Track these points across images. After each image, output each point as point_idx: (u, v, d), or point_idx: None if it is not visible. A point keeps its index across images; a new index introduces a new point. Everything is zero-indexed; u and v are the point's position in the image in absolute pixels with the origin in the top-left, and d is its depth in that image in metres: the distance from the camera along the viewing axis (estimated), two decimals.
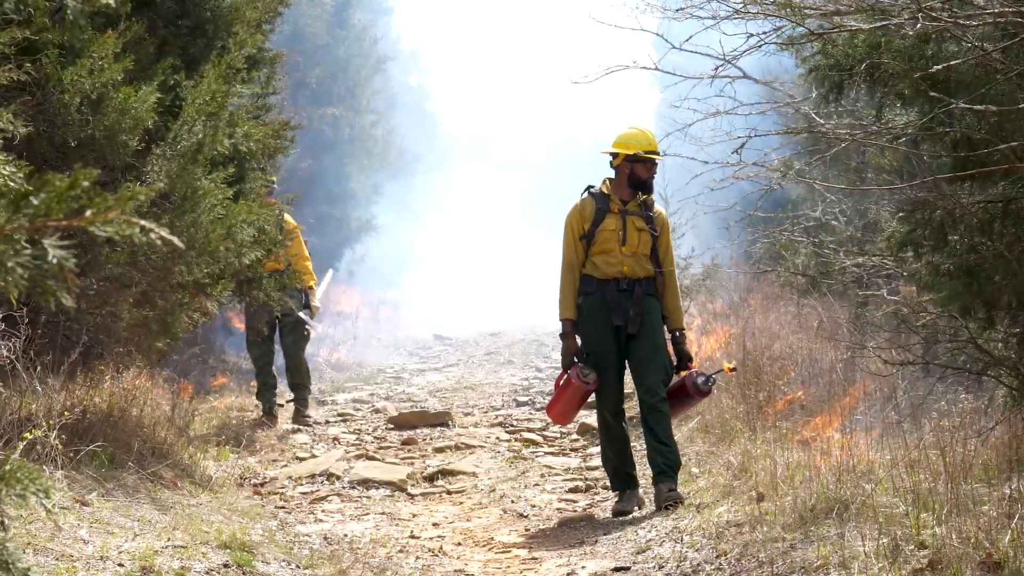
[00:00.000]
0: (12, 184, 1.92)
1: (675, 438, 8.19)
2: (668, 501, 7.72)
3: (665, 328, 8.29)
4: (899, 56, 6.26)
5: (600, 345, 8.14)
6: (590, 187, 8.37)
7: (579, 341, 8.25)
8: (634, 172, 8.18)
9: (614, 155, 8.21)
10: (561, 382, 8.26)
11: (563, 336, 8.27)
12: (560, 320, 8.30)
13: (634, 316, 8.09)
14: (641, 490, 8.24)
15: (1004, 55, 5.93)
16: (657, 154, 8.17)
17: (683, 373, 8.25)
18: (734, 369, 8.61)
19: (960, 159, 6.32)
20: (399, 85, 33.60)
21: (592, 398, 8.32)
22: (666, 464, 7.89)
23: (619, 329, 8.13)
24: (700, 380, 8.13)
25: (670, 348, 8.28)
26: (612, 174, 8.32)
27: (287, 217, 11.91)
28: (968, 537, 5.05)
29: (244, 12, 9.37)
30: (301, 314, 12.23)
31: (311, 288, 12.37)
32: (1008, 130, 6.05)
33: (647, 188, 8.24)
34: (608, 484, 8.54)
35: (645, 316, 8.11)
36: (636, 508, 8.02)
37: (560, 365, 8.32)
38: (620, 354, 8.15)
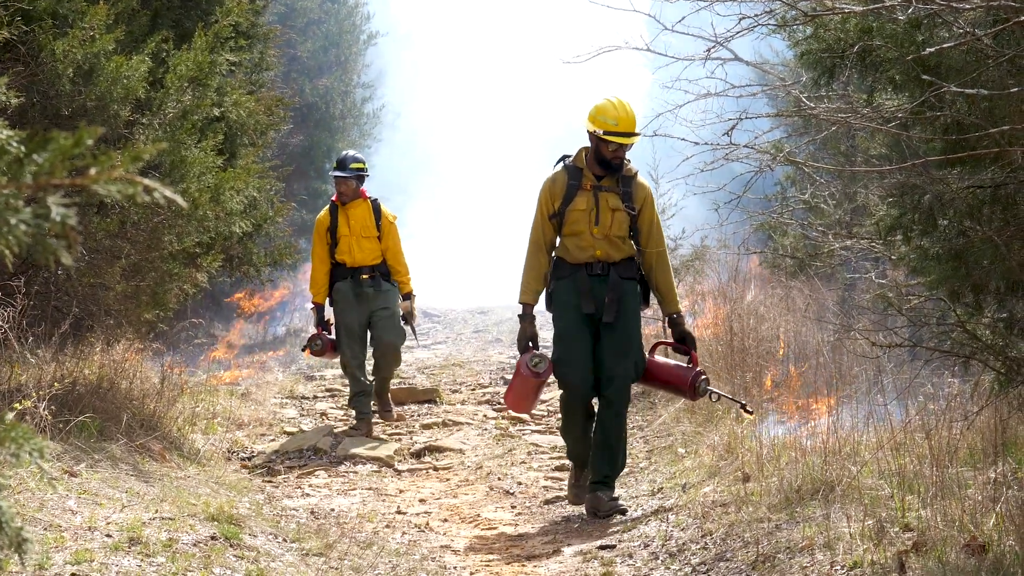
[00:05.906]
0: (11, 148, 1.92)
1: (661, 419, 8.16)
2: (611, 511, 7.30)
3: (660, 312, 7.87)
4: (891, 40, 6.27)
5: (569, 333, 7.51)
6: (564, 157, 7.72)
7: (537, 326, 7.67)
8: (598, 149, 7.52)
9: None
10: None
11: (520, 318, 7.65)
12: (519, 302, 7.67)
13: (609, 303, 7.45)
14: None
15: (995, 40, 5.95)
16: (626, 137, 7.44)
17: (689, 364, 7.63)
18: (749, 412, 7.86)
19: (950, 143, 6.33)
20: (391, 61, 33.53)
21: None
22: (611, 470, 7.44)
23: (591, 316, 7.51)
24: (702, 387, 7.55)
25: (662, 335, 8.19)
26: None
27: (385, 209, 11.03)
28: (953, 520, 5.09)
29: None
30: (407, 328, 11.28)
31: (412, 293, 11.22)
32: (998, 115, 6.06)
33: (612, 169, 7.54)
34: None
35: (621, 303, 7.48)
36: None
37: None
38: (591, 342, 7.49)
